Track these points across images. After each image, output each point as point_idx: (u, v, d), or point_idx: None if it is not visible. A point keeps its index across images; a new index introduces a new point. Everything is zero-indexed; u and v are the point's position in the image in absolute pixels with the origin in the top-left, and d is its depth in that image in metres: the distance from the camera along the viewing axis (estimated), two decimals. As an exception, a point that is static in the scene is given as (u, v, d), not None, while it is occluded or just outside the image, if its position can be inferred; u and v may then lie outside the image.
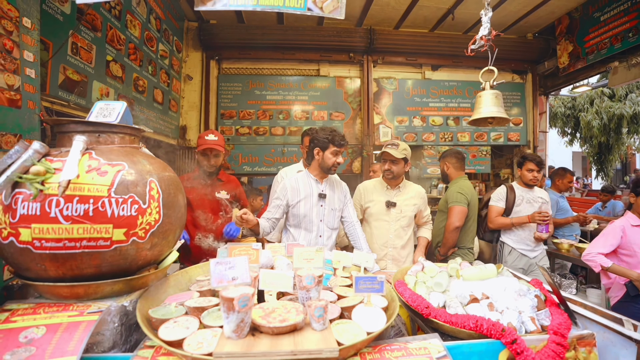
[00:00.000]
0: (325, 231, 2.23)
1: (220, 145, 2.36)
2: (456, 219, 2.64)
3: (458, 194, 2.71)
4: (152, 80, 4.11)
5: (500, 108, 2.21)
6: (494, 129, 5.86)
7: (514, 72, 6.07)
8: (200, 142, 2.34)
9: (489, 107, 2.22)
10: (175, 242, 1.24)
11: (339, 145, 2.14)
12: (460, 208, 2.67)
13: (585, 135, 9.63)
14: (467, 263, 1.59)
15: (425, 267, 1.70)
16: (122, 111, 1.13)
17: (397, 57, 5.60)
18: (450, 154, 3.07)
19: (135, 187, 1.00)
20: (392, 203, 2.37)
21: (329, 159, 2.15)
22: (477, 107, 2.29)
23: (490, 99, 2.24)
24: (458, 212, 2.66)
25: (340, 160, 2.18)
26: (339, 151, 2.17)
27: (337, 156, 2.16)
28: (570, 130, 10.67)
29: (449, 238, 2.69)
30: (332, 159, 2.15)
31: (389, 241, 2.41)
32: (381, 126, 5.58)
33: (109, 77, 3.20)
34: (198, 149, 2.33)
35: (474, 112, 2.31)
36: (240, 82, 5.37)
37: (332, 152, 2.14)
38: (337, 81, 5.52)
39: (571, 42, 5.11)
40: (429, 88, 5.74)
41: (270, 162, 5.33)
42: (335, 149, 2.14)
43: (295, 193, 2.19)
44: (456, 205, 2.68)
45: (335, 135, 2.15)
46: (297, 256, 1.21)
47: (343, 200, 2.31)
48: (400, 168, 2.38)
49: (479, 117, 2.26)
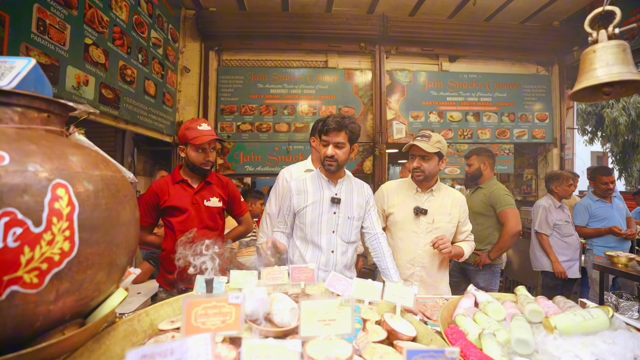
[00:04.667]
0: (340, 245, 1.79)
1: (216, 135, 1.94)
2: (516, 222, 2.51)
3: (507, 196, 2.51)
4: (142, 70, 3.70)
5: (631, 67, 1.29)
6: (518, 125, 5.37)
7: (539, 63, 5.57)
8: (192, 134, 1.87)
9: (611, 66, 1.28)
10: (116, 277, 0.80)
11: (323, 131, 1.71)
12: (516, 211, 2.50)
13: (610, 133, 9.04)
14: (545, 300, 1.14)
15: (481, 301, 1.25)
16: (25, 72, 0.70)
17: (411, 47, 5.13)
18: (486, 151, 2.73)
19: (19, 195, 0.57)
20: (422, 210, 1.89)
21: (319, 150, 1.77)
22: (587, 69, 1.35)
23: (612, 53, 1.30)
24: (515, 215, 2.51)
25: (331, 153, 1.71)
26: (328, 141, 1.71)
27: (326, 147, 1.72)
28: (591, 128, 10.08)
29: (509, 242, 2.59)
30: (322, 150, 1.75)
31: (417, 258, 1.91)
32: (394, 122, 5.12)
33: (88, 62, 2.79)
34: (193, 141, 1.86)
35: (580, 79, 1.37)
36: (241, 75, 4.94)
37: (322, 141, 1.75)
38: (346, 73, 5.07)
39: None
40: (447, 81, 5.26)
41: (274, 161, 4.90)
42: (323, 137, 1.72)
43: (302, 197, 1.77)
44: (511, 208, 2.52)
45: (326, 120, 1.72)
46: (306, 315, 0.75)
47: (364, 207, 1.86)
48: (433, 166, 1.88)
49: (594, 83, 1.30)
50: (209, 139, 1.86)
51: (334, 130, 1.68)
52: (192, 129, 1.88)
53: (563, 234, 3.23)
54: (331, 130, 1.67)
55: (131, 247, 0.83)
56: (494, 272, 2.76)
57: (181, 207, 1.86)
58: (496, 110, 5.33)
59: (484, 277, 2.75)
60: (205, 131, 1.87)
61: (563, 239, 3.22)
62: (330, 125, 1.67)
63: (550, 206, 3.22)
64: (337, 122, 1.67)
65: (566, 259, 3.20)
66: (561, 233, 3.23)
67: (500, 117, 5.33)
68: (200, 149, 1.88)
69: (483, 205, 2.74)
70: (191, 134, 1.87)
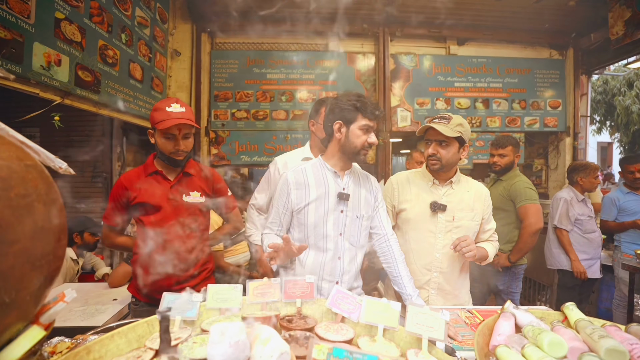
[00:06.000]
0: (348, 250, 1.50)
1: (191, 119, 1.59)
2: (536, 219, 2.29)
3: (529, 189, 2.28)
4: (126, 52, 3.39)
5: None
6: (529, 113, 5.07)
7: (552, 47, 5.24)
8: (158, 117, 1.54)
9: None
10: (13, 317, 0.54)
11: (372, 117, 1.42)
12: (538, 207, 2.28)
13: (620, 122, 8.70)
14: (619, 330, 0.87)
15: (523, 324, 1.00)
16: None
17: (417, 29, 4.81)
18: (512, 140, 2.45)
19: None
20: (440, 205, 1.58)
21: (356, 138, 1.42)
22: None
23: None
24: (537, 211, 2.29)
25: (374, 141, 1.45)
26: (371, 126, 1.44)
27: (368, 133, 1.43)
28: (600, 117, 9.75)
29: (529, 242, 2.35)
30: (362, 138, 1.42)
31: (435, 262, 1.62)
32: (399, 109, 4.82)
33: (60, 40, 2.49)
34: (158, 126, 1.53)
35: None
36: (236, 59, 4.63)
37: (362, 126, 1.42)
38: (348, 57, 4.76)
39: (629, 6, 4.26)
40: (455, 65, 4.94)
41: (271, 150, 4.62)
42: (367, 122, 1.42)
43: (303, 192, 1.47)
44: (532, 203, 2.29)
45: (366, 102, 1.42)
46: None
47: (372, 203, 1.58)
48: (452, 153, 1.58)
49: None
50: (176, 123, 1.52)
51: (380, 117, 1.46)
52: (160, 110, 1.56)
53: (585, 230, 2.96)
54: (379, 117, 1.45)
55: (45, 268, 0.56)
56: (515, 274, 2.50)
57: (154, 203, 1.56)
58: (506, 96, 5.03)
59: (503, 280, 2.50)
60: (174, 113, 1.54)
61: (585, 236, 2.95)
62: (379, 112, 1.45)
63: (572, 199, 2.94)
64: (380, 109, 1.46)
65: (587, 257, 2.94)
66: (583, 229, 2.96)
67: (511, 104, 5.03)
68: (168, 136, 1.56)
69: (502, 199, 2.47)
70: (157, 116, 1.55)
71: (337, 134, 1.45)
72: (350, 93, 1.46)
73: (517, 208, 2.42)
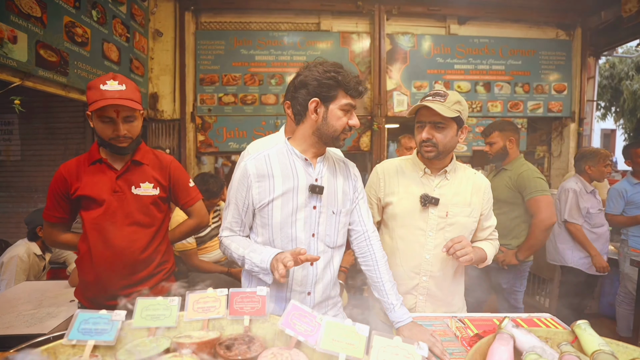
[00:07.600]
0: (322, 254, 1.25)
1: (133, 99, 1.35)
2: (550, 213, 2.09)
3: (539, 179, 2.06)
4: (99, 31, 3.14)
5: None
6: (532, 97, 4.81)
7: (559, 26, 4.93)
8: (92, 96, 1.29)
9: None
10: None
11: (356, 94, 1.18)
12: (550, 199, 2.07)
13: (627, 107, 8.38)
14: None
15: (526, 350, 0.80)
16: None
17: (415, 7, 4.51)
18: (509, 125, 2.29)
19: None
20: (431, 199, 1.35)
21: (336, 120, 1.17)
22: None
23: None
24: (549, 203, 2.09)
25: (356, 123, 1.21)
26: (354, 105, 1.18)
27: (349, 114, 1.19)
28: (605, 103, 9.43)
29: (541, 239, 2.16)
30: (343, 120, 1.18)
31: (424, 264, 1.40)
32: (395, 93, 4.57)
33: (14, 14, 2.24)
34: (91, 108, 1.29)
35: None
36: (223, 40, 4.35)
37: (344, 106, 1.17)
38: (341, 38, 4.47)
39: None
40: (455, 46, 4.65)
41: (260, 137, 4.35)
42: (349, 101, 1.17)
43: (265, 185, 1.19)
44: (544, 195, 2.09)
45: (348, 76, 1.16)
46: None
47: (351, 195, 1.33)
48: (450, 137, 1.34)
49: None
50: (110, 104, 1.27)
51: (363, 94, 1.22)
52: (93, 88, 1.30)
53: (594, 224, 2.72)
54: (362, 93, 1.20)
55: None
56: (521, 272, 2.28)
57: (96, 196, 1.34)
58: (509, 80, 4.76)
59: (507, 278, 2.28)
60: (110, 92, 1.28)
61: (593, 230, 2.71)
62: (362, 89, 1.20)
63: (581, 190, 2.69)
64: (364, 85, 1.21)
65: (594, 252, 2.74)
66: (591, 223, 2.71)
67: (514, 87, 4.76)
68: (105, 119, 1.31)
69: (508, 190, 2.24)
70: (91, 95, 1.30)
71: (312, 114, 1.17)
72: (325, 62, 1.19)
73: (525, 200, 2.20)
